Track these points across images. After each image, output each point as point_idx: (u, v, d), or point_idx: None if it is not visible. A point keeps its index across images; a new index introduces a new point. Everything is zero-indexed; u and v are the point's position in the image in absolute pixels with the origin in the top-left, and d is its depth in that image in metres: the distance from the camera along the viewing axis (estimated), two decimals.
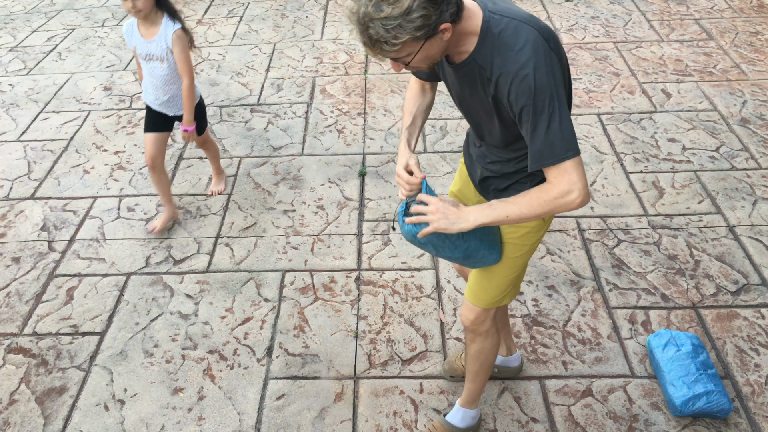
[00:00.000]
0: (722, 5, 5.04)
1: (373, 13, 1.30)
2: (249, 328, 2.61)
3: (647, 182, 3.26)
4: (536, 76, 1.36)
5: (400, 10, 1.29)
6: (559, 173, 1.42)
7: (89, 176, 3.55)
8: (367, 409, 2.27)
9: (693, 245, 2.87)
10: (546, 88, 1.37)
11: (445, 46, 1.43)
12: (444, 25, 1.35)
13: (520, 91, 1.38)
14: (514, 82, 1.38)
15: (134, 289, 2.81)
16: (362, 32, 1.35)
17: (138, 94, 4.31)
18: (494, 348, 1.95)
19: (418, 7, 1.29)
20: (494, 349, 1.96)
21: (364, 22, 1.32)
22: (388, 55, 1.37)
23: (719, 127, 3.64)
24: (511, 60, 1.38)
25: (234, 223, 3.15)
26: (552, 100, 1.38)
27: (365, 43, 1.37)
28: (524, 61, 1.37)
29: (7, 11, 5.78)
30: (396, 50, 1.35)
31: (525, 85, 1.37)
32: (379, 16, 1.30)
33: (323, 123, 3.89)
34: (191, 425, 2.26)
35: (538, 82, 1.36)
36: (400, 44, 1.33)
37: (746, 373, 2.32)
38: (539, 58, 1.37)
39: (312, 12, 5.35)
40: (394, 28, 1.30)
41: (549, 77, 1.38)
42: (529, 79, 1.36)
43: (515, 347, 2.33)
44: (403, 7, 1.28)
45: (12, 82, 4.55)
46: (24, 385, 2.43)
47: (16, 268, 2.97)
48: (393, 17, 1.30)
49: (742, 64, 4.22)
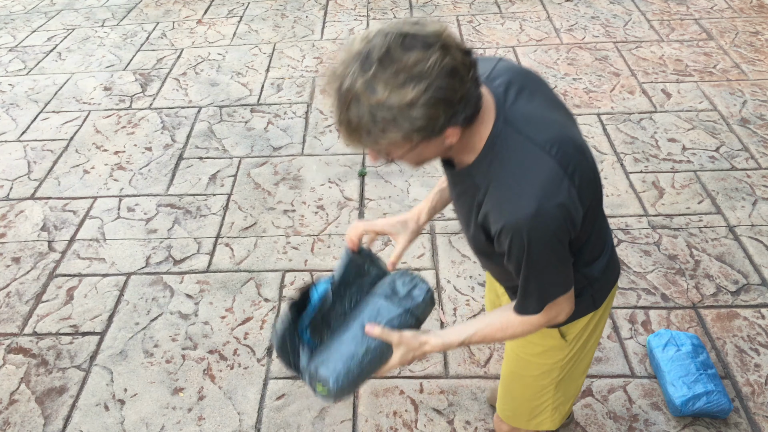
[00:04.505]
0: (722, 5, 5.04)
1: (361, 92, 0.95)
2: (249, 328, 2.61)
3: (647, 182, 3.26)
4: (532, 234, 1.09)
5: (400, 99, 0.95)
6: (547, 309, 1.25)
7: (89, 176, 3.55)
8: (367, 409, 2.27)
9: (693, 245, 2.87)
10: (543, 245, 1.11)
11: (443, 151, 1.12)
12: (452, 129, 1.04)
13: (512, 243, 1.12)
14: (504, 231, 1.11)
15: (134, 289, 2.81)
16: (340, 108, 0.99)
17: (138, 94, 4.31)
18: None
19: (425, 104, 0.96)
20: None
21: (347, 99, 0.97)
22: (366, 145, 1.03)
23: (719, 127, 3.64)
24: (508, 203, 1.09)
25: (234, 223, 3.15)
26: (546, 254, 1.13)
27: (340, 122, 1.01)
28: (524, 213, 1.07)
29: (7, 11, 5.78)
30: (377, 146, 1.03)
31: (517, 239, 1.10)
32: (369, 98, 0.95)
33: (323, 123, 3.89)
34: (191, 425, 2.26)
35: (534, 242, 1.10)
36: (387, 142, 1.02)
37: (746, 373, 2.32)
38: (544, 210, 1.07)
39: (312, 12, 5.35)
40: (385, 120, 0.97)
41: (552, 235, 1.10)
42: (522, 236, 1.09)
43: None
44: (406, 98, 0.95)
45: (12, 82, 4.55)
46: (24, 385, 2.43)
47: (16, 268, 2.97)
48: (388, 106, 0.96)
49: (742, 64, 4.22)
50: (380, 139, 1.01)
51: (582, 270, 1.32)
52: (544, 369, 1.48)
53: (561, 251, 1.15)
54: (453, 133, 1.05)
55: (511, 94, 1.15)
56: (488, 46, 4.65)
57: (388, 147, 1.04)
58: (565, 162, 1.10)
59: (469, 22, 5.00)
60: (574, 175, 1.10)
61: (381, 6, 5.37)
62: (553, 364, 1.47)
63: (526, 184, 1.08)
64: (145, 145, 3.78)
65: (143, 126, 3.96)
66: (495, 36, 4.78)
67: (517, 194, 1.08)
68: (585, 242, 1.27)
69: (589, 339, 1.49)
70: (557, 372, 1.48)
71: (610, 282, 1.44)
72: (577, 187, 1.10)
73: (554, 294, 1.23)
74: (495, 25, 4.95)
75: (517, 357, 1.52)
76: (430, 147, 1.07)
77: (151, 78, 4.50)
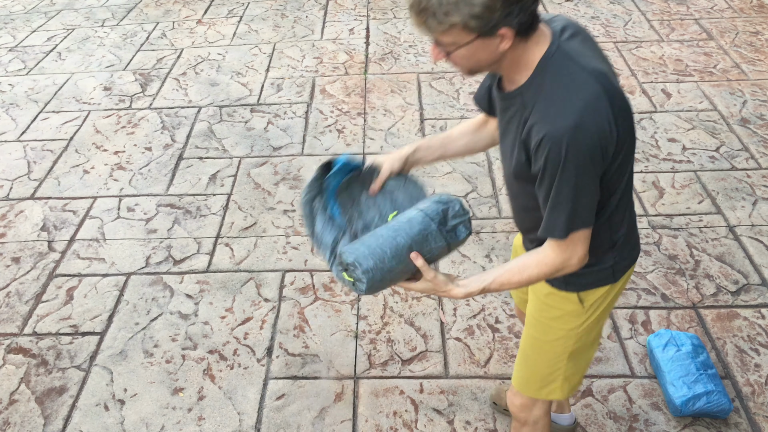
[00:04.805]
0: (722, 5, 5.04)
1: None
2: (249, 328, 2.61)
3: (647, 182, 3.26)
4: (570, 146, 1.17)
5: None
6: (565, 244, 1.31)
7: (89, 176, 3.55)
8: (367, 409, 2.27)
9: (693, 245, 2.87)
10: (578, 162, 1.19)
11: (496, 58, 1.23)
12: (505, 29, 1.16)
13: (549, 154, 1.19)
14: (545, 140, 1.19)
15: (134, 289, 2.81)
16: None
17: (138, 94, 4.31)
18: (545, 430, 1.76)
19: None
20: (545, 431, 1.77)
21: None
22: (432, 32, 1.17)
23: (719, 127, 3.64)
24: (552, 114, 1.19)
25: (234, 223, 3.15)
26: (579, 175, 1.20)
27: (411, 5, 1.17)
28: (566, 124, 1.17)
29: (7, 11, 5.78)
30: (441, 30, 1.16)
31: (555, 150, 1.18)
32: None
33: (323, 123, 3.89)
34: (191, 425, 2.26)
35: (571, 154, 1.18)
36: (448, 25, 1.14)
37: (746, 373, 2.32)
38: (585, 124, 1.16)
39: (312, 12, 5.35)
40: (450, 3, 1.12)
41: (587, 151, 1.18)
42: (561, 146, 1.17)
43: (569, 406, 2.14)
44: None
45: (12, 82, 4.55)
46: (24, 385, 2.43)
47: (16, 268, 2.97)
48: None
49: (742, 64, 4.22)
50: (443, 22, 1.14)
51: (607, 230, 1.40)
52: (560, 335, 1.55)
53: (593, 177, 1.22)
54: (507, 35, 1.16)
55: (567, 34, 1.27)
56: None
57: (448, 36, 1.17)
58: (609, 91, 1.20)
59: None
60: (614, 106, 1.20)
61: (381, 6, 5.36)
62: (569, 330, 1.54)
63: (572, 99, 1.18)
64: (145, 145, 3.78)
65: (143, 126, 3.96)
66: None
67: (562, 108, 1.18)
68: (613, 194, 1.35)
69: (603, 314, 1.55)
70: (573, 340, 1.55)
71: (630, 257, 1.52)
72: (615, 118, 1.20)
73: (579, 222, 1.27)
74: None
75: (537, 321, 1.59)
76: (485, 49, 1.19)
77: (151, 78, 4.50)
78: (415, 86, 4.20)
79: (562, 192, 1.23)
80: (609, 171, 1.28)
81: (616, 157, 1.26)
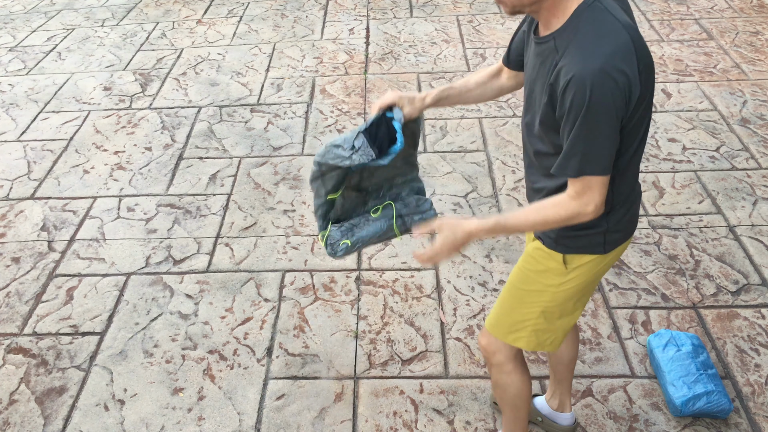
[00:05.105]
0: (722, 5, 5.04)
1: None
2: (249, 328, 2.61)
3: (647, 182, 3.26)
4: (595, 88, 1.23)
5: None
6: (583, 189, 1.35)
7: (89, 176, 3.55)
8: (367, 409, 2.27)
9: (693, 245, 2.87)
10: (602, 105, 1.25)
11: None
12: None
13: (575, 96, 1.26)
14: (572, 81, 1.25)
15: (134, 289, 2.81)
16: None
17: (138, 94, 4.31)
18: (512, 388, 1.81)
19: None
20: (512, 389, 1.81)
21: None
22: None
23: (719, 127, 3.64)
24: (582, 56, 1.26)
25: (234, 223, 3.15)
26: (601, 117, 1.26)
27: None
28: (593, 67, 1.23)
29: (6, 11, 5.78)
30: None
31: (581, 91, 1.24)
32: None
33: (323, 123, 3.89)
34: (191, 425, 2.26)
35: (596, 96, 1.24)
36: None
37: (746, 373, 2.32)
38: (612, 69, 1.23)
39: (312, 12, 5.35)
40: None
41: (611, 96, 1.24)
42: (586, 87, 1.24)
43: (570, 406, 2.11)
44: None
45: (12, 82, 4.55)
46: (24, 385, 2.43)
47: (16, 268, 2.97)
48: None
49: (742, 64, 4.22)
50: None
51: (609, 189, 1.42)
52: (538, 288, 1.61)
53: (613, 124, 1.28)
54: None
55: None
56: (488, 45, 4.65)
57: None
58: (638, 44, 1.28)
59: (469, 22, 5.00)
60: (641, 59, 1.27)
61: (381, 6, 5.36)
62: (547, 285, 1.60)
63: (602, 45, 1.25)
64: (145, 145, 3.78)
65: (143, 126, 3.96)
66: (495, 36, 4.78)
67: (591, 52, 1.25)
68: (623, 154, 1.39)
69: (586, 287, 1.60)
70: (548, 297, 1.61)
71: (624, 231, 1.56)
72: (640, 70, 1.27)
73: (594, 166, 1.32)
74: (495, 25, 4.95)
75: (521, 270, 1.66)
76: None
77: (151, 78, 4.49)
78: (415, 86, 4.20)
79: (581, 133, 1.29)
80: (627, 125, 1.33)
81: (636, 111, 1.31)
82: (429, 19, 5.10)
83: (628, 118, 1.32)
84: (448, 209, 3.15)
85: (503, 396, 1.84)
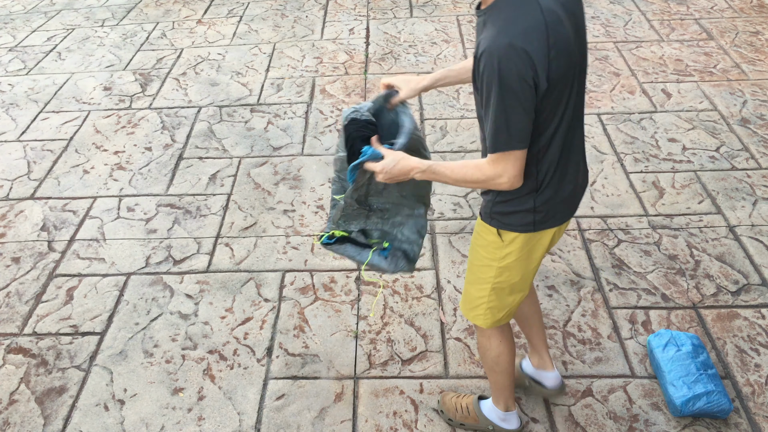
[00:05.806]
0: (722, 5, 5.04)
1: None
2: (249, 328, 2.61)
3: (647, 182, 3.26)
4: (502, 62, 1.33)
5: None
6: (498, 159, 1.45)
7: (89, 176, 3.55)
8: (367, 409, 2.27)
9: (693, 245, 2.87)
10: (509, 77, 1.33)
11: None
12: None
13: (485, 69, 1.36)
14: (484, 55, 1.36)
15: (134, 289, 2.81)
16: None
17: (138, 94, 4.31)
18: (491, 352, 1.91)
19: None
20: (491, 353, 1.92)
21: None
22: None
23: (719, 127, 3.64)
24: (495, 33, 1.36)
25: (234, 223, 3.15)
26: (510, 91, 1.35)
27: None
28: (501, 42, 1.33)
29: (6, 11, 5.78)
30: None
31: (490, 65, 1.34)
32: None
33: (323, 123, 3.89)
34: (191, 425, 2.26)
35: (503, 70, 1.33)
36: None
37: (746, 373, 2.32)
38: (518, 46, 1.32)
39: (312, 12, 5.35)
40: None
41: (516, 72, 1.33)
42: (494, 61, 1.33)
43: (551, 364, 2.15)
44: None
45: (12, 82, 4.54)
46: (24, 385, 2.43)
47: (16, 268, 2.97)
48: None
49: (742, 64, 4.22)
50: None
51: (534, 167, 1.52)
52: (484, 262, 1.73)
53: (522, 100, 1.36)
54: None
55: None
56: None
57: None
58: (552, 27, 1.36)
59: (469, 22, 5.00)
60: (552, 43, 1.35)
61: (381, 6, 5.36)
62: (491, 260, 1.71)
63: (515, 23, 1.35)
64: (144, 145, 3.78)
65: (143, 126, 3.96)
66: None
67: (503, 29, 1.35)
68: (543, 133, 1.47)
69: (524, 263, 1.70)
70: (494, 272, 1.72)
71: (555, 217, 1.63)
72: (549, 53, 1.35)
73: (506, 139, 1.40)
74: None
75: (472, 246, 1.79)
76: None
77: (151, 78, 4.49)
78: None
79: (493, 109, 1.38)
80: (542, 103, 1.40)
81: (548, 94, 1.39)
82: (429, 19, 5.10)
83: (542, 96, 1.39)
84: (448, 209, 3.15)
85: (484, 357, 1.96)
